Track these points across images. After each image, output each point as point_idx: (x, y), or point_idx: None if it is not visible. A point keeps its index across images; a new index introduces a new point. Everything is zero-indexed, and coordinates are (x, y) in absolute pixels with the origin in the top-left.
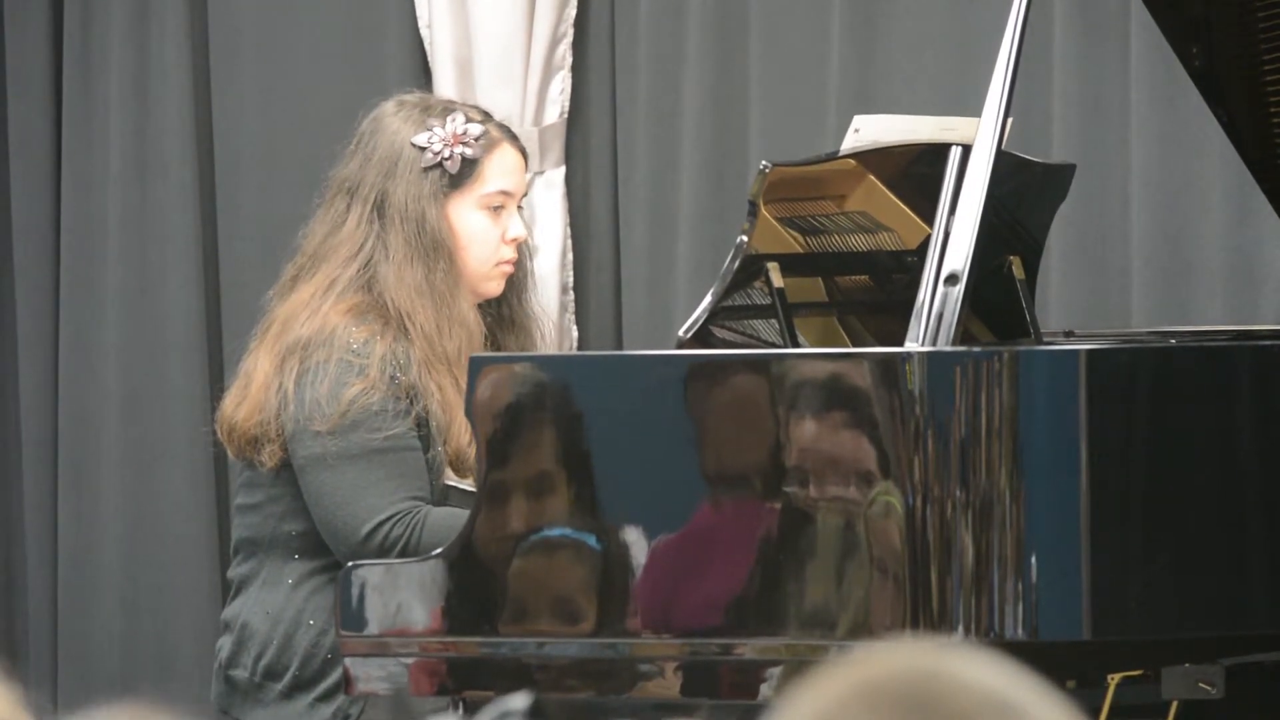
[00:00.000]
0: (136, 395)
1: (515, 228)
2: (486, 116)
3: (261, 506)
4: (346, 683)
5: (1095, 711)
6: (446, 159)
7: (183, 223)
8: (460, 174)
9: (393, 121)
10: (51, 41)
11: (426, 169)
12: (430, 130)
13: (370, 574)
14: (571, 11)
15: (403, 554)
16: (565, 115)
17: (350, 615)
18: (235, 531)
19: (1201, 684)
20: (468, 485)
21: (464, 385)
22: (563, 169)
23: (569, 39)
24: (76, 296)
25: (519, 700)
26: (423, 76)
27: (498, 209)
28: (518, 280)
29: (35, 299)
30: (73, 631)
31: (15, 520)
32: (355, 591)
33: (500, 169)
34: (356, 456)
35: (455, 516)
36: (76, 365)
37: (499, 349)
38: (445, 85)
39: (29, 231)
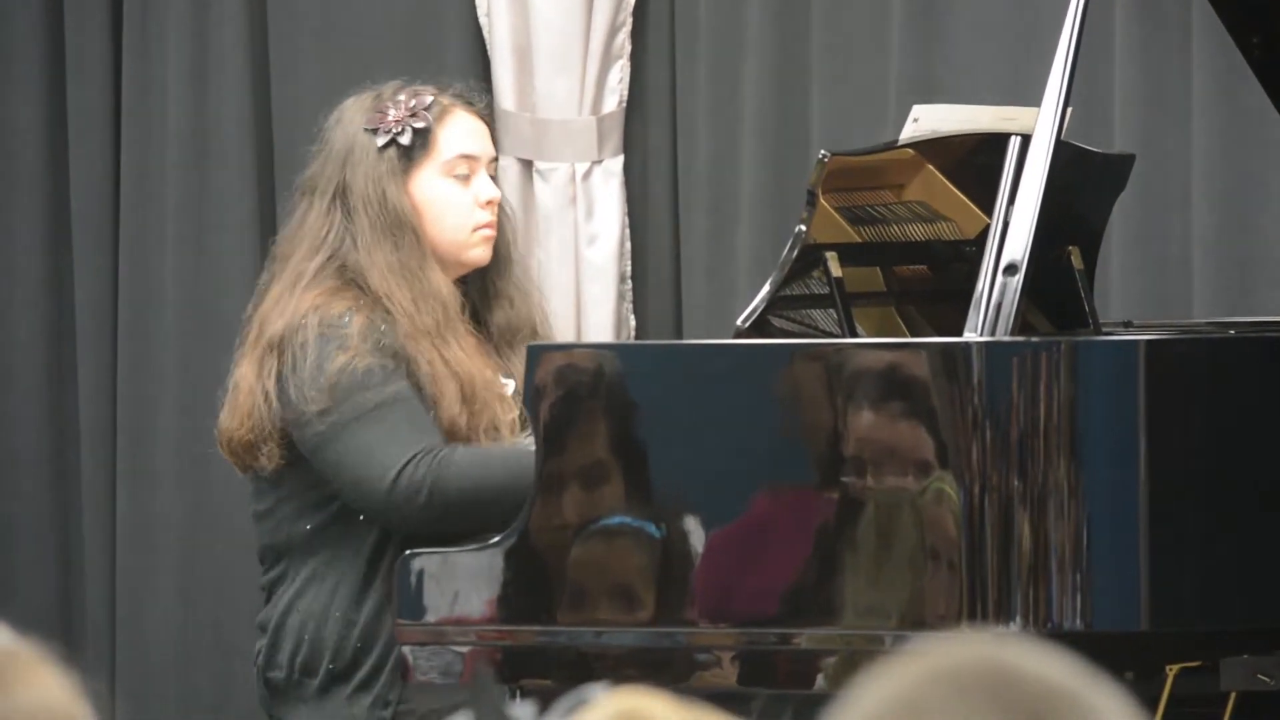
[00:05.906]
0: (194, 383)
1: (487, 190)
2: (441, 88)
3: (274, 511)
4: (404, 671)
5: (1154, 702)
6: (399, 134)
7: (241, 211)
8: (414, 146)
9: (346, 114)
10: (111, 28)
11: (382, 149)
12: (381, 113)
13: (428, 562)
14: (630, 0)
15: (430, 495)
16: (624, 104)
17: (408, 603)
18: (259, 539)
19: (1260, 675)
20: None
21: (447, 358)
22: (621, 158)
23: (628, 27)
24: (135, 284)
25: (597, 692)
26: (481, 65)
27: (465, 175)
28: (500, 252)
29: (94, 286)
30: (130, 619)
31: (73, 508)
32: (413, 580)
33: (455, 134)
34: (359, 418)
35: (487, 454)
36: (135, 353)
37: (482, 325)
38: (503, 74)
39: (88, 219)
